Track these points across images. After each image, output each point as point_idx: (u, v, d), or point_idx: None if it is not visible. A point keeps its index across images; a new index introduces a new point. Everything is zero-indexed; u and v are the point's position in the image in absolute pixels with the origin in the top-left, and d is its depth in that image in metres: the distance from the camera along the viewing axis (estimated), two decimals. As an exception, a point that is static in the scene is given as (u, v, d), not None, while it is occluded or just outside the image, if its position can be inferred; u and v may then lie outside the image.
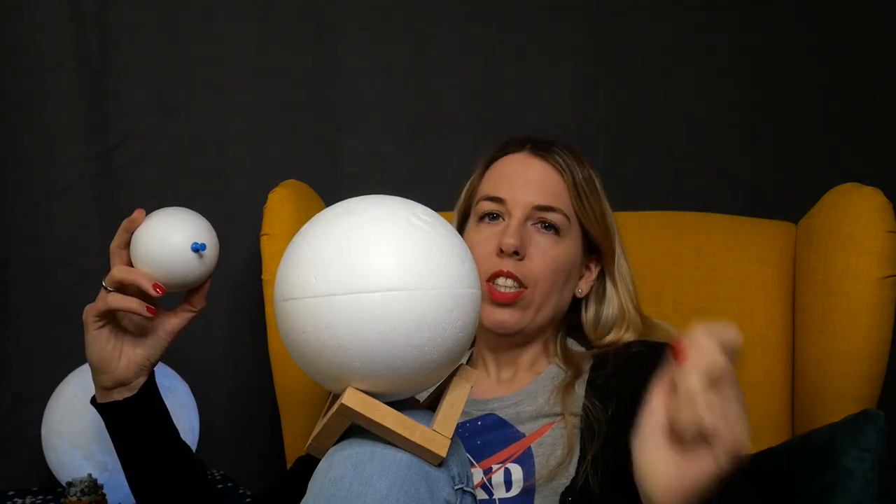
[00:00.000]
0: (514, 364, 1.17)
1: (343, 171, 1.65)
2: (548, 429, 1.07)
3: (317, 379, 0.83)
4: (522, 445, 1.06)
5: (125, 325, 1.02)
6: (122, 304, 0.98)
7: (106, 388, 1.02)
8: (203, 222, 1.02)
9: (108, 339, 1.00)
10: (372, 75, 1.66)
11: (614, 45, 1.72)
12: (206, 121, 1.59)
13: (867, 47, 1.78)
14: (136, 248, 0.99)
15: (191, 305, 1.05)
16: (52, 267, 1.54)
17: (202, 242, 0.99)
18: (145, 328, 1.03)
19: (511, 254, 1.09)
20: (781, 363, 1.34)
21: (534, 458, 1.04)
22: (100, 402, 1.03)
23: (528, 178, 1.14)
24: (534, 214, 1.12)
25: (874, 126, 1.78)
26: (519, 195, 1.12)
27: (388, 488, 0.78)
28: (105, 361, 1.00)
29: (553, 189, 1.13)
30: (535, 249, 1.11)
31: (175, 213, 1.01)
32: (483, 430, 1.09)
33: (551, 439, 1.05)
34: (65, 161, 1.54)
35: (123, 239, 1.01)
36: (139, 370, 1.02)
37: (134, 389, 1.03)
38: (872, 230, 1.23)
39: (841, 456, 1.04)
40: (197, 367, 1.52)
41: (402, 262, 0.78)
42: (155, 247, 0.98)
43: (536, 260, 1.10)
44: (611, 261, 1.17)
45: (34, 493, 1.45)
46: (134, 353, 1.02)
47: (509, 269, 1.09)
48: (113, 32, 1.55)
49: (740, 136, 1.76)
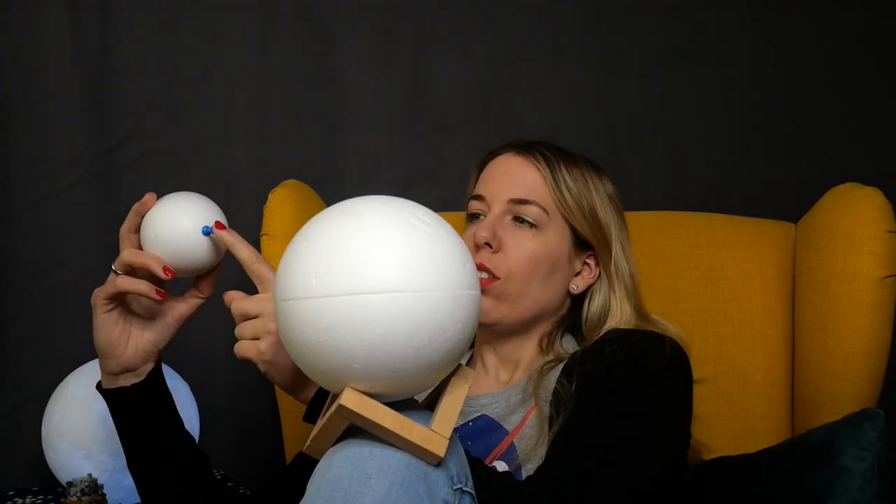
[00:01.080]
0: (512, 363, 1.17)
1: (343, 171, 1.65)
2: (526, 419, 1.08)
3: (316, 380, 0.83)
4: (507, 442, 1.07)
5: (134, 309, 1.02)
6: (131, 286, 0.98)
7: (113, 374, 1.02)
8: (214, 207, 1.02)
9: (116, 323, 1.00)
10: (372, 75, 1.66)
11: (614, 45, 1.72)
12: (207, 121, 1.59)
13: (867, 47, 1.77)
14: (147, 232, 0.99)
15: (199, 291, 1.05)
16: (52, 267, 1.54)
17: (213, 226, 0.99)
18: (154, 313, 1.03)
19: (483, 245, 1.10)
20: (781, 363, 1.34)
21: (517, 450, 1.06)
22: (106, 387, 1.03)
23: (506, 174, 1.15)
24: (511, 209, 1.13)
25: (874, 126, 1.78)
26: (496, 191, 1.14)
27: (386, 488, 0.78)
28: (112, 346, 1.00)
29: (529, 183, 1.13)
30: (511, 242, 1.11)
31: (186, 197, 1.01)
32: (475, 433, 1.10)
33: (530, 429, 1.06)
34: (65, 161, 1.54)
35: (134, 223, 1.01)
36: (147, 356, 1.03)
37: (141, 376, 1.03)
38: (872, 230, 1.23)
39: (840, 455, 1.04)
40: (197, 367, 1.52)
41: (403, 264, 0.78)
42: (165, 230, 0.98)
43: (511, 252, 1.11)
44: (606, 257, 1.16)
45: (34, 493, 1.45)
46: (142, 337, 1.02)
47: (481, 261, 1.09)
48: (113, 32, 1.55)
49: (740, 136, 1.76)
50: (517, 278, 1.11)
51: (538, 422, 1.05)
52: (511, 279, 1.11)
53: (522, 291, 1.11)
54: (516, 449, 1.06)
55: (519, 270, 1.11)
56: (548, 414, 1.04)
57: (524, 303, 1.12)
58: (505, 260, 1.11)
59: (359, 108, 1.65)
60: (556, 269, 1.14)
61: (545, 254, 1.12)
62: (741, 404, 1.34)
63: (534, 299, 1.13)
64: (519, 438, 1.06)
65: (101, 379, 1.04)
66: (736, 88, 1.75)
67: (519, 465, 1.04)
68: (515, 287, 1.11)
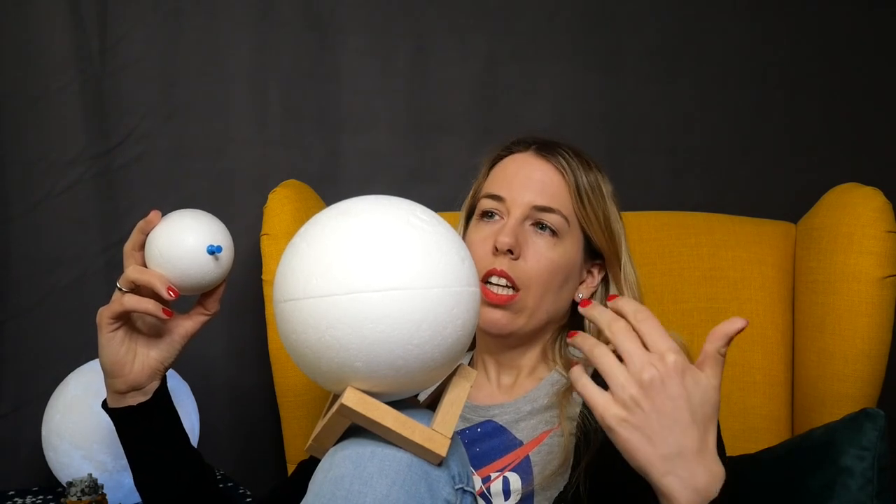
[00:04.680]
0: (514, 369, 1.16)
1: (343, 171, 1.65)
2: (545, 436, 1.06)
3: (317, 380, 0.83)
4: (521, 454, 1.05)
5: (139, 328, 1.01)
6: (138, 305, 0.97)
7: (119, 393, 1.01)
8: (219, 225, 1.01)
9: (122, 342, 0.99)
10: (372, 75, 1.66)
11: (614, 44, 1.72)
12: (206, 121, 1.59)
13: (867, 47, 1.78)
14: (151, 250, 0.98)
15: (205, 309, 1.05)
16: (52, 267, 1.54)
17: (218, 245, 0.98)
18: (159, 331, 1.02)
19: (505, 252, 1.08)
20: (781, 363, 1.34)
21: (532, 466, 1.04)
22: (112, 406, 1.02)
23: (529, 177, 1.12)
24: (532, 214, 1.10)
25: (874, 126, 1.78)
26: (518, 195, 1.11)
27: (388, 488, 0.78)
28: (119, 365, 0.99)
29: (553, 190, 1.11)
30: (531, 250, 1.09)
31: (191, 215, 1.00)
32: (482, 438, 1.09)
33: (548, 447, 1.05)
34: (65, 161, 1.54)
35: (138, 240, 1.00)
36: (153, 374, 1.02)
37: (148, 394, 1.02)
38: (872, 230, 1.23)
39: (840, 454, 1.04)
40: (197, 367, 1.52)
41: (402, 262, 0.78)
42: (171, 248, 0.97)
43: (531, 261, 1.09)
44: (616, 267, 1.15)
45: (34, 493, 1.45)
46: (148, 356, 1.01)
47: (503, 269, 1.07)
48: (113, 32, 1.55)
49: (740, 136, 1.76)
50: (535, 289, 1.09)
51: (561, 446, 1.03)
52: (529, 290, 1.09)
53: (539, 303, 1.10)
54: (531, 466, 1.04)
55: (538, 280, 1.09)
56: (573, 441, 1.02)
57: (539, 314, 1.11)
58: (525, 268, 1.09)
59: (359, 108, 1.65)
60: (569, 278, 1.13)
61: (563, 264, 1.11)
62: (741, 404, 1.34)
63: (547, 309, 1.12)
64: (535, 453, 1.05)
65: (107, 398, 1.03)
66: (736, 88, 1.75)
67: (532, 490, 1.02)
68: (533, 299, 1.09)
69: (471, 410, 1.12)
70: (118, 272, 1.00)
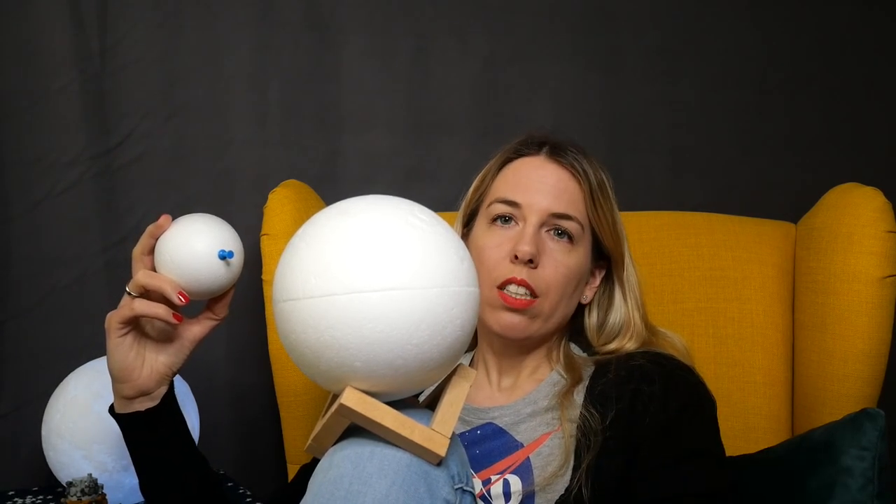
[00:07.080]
0: (516, 370, 1.15)
1: (343, 171, 1.65)
2: (546, 438, 1.06)
3: (316, 380, 0.83)
4: (521, 456, 1.05)
5: (147, 332, 1.01)
6: (148, 309, 0.96)
7: (127, 398, 1.00)
8: (229, 229, 1.00)
9: (130, 347, 0.98)
10: (372, 75, 1.66)
11: (614, 44, 1.72)
12: (206, 121, 1.59)
13: (867, 47, 1.78)
14: (162, 255, 0.97)
15: (213, 314, 1.04)
16: (52, 267, 1.54)
17: (230, 250, 0.97)
18: (169, 336, 1.01)
19: (525, 262, 1.07)
20: (781, 363, 1.34)
21: (532, 468, 1.04)
22: (119, 412, 1.01)
23: (544, 183, 1.11)
24: (549, 221, 1.10)
25: (874, 126, 1.78)
26: (535, 201, 1.10)
27: (387, 488, 0.78)
28: (127, 370, 0.99)
29: (570, 197, 1.11)
30: (549, 258, 1.08)
31: (201, 220, 0.99)
32: (482, 440, 1.08)
33: (549, 449, 1.04)
34: (65, 161, 1.54)
35: (148, 244, 0.99)
36: (161, 379, 1.01)
37: (156, 399, 1.01)
38: (872, 230, 1.23)
39: (840, 454, 1.04)
40: (197, 367, 1.51)
41: (401, 262, 0.78)
42: (182, 254, 0.96)
43: (549, 269, 1.08)
44: (620, 268, 1.15)
45: (34, 493, 1.45)
46: (156, 361, 1.01)
47: (523, 278, 1.06)
48: (113, 32, 1.55)
49: (740, 136, 1.76)
50: (553, 296, 1.09)
51: (561, 447, 1.03)
52: (547, 297, 1.08)
53: (555, 309, 1.10)
54: (532, 468, 1.04)
55: (556, 287, 1.08)
56: (574, 443, 1.02)
57: (554, 318, 1.11)
58: (544, 276, 1.08)
59: (358, 108, 1.65)
60: (580, 282, 1.13)
61: (577, 269, 1.11)
62: (741, 404, 1.34)
63: (561, 314, 1.12)
64: (535, 455, 1.05)
65: (115, 403, 1.02)
66: (736, 88, 1.75)
67: (533, 490, 1.02)
68: (550, 305, 1.09)
69: (470, 413, 1.12)
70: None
